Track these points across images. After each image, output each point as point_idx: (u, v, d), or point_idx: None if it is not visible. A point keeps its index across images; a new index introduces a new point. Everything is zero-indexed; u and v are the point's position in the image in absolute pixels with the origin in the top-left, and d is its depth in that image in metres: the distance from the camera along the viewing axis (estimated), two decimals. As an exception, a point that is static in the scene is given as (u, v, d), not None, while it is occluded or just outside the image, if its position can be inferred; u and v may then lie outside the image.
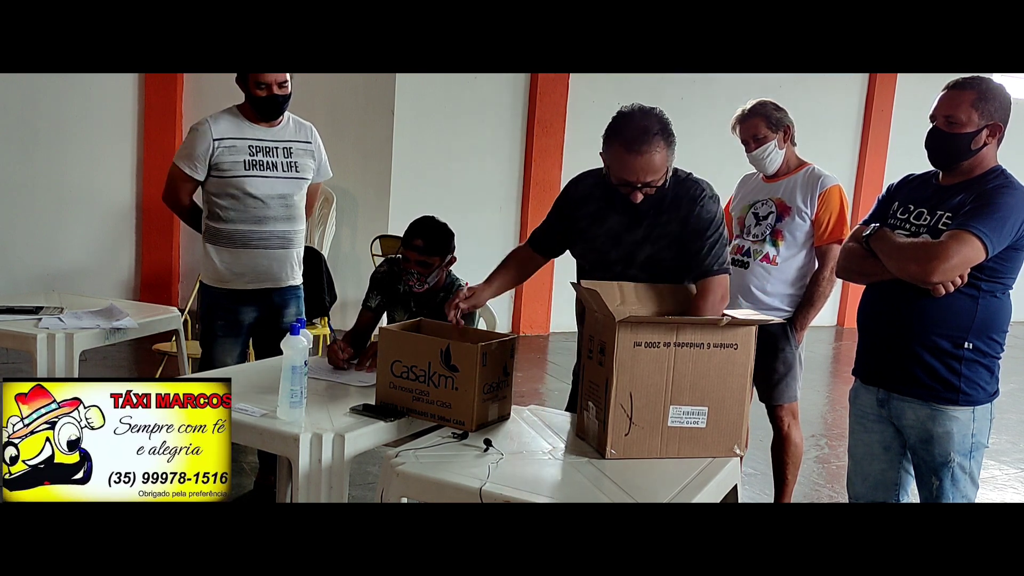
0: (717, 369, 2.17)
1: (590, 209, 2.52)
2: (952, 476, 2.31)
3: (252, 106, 3.12)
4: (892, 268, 2.29)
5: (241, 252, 3.15)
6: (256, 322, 3.26)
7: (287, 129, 3.20)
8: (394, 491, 2.01)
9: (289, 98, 3.13)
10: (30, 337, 3.05)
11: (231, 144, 3.09)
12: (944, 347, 2.28)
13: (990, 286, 2.27)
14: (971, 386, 2.29)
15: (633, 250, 2.46)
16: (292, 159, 3.18)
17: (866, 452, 2.51)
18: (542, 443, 2.27)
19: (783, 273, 3.16)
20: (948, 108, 2.28)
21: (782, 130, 3.18)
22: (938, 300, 2.25)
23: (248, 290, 3.20)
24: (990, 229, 2.17)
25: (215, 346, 3.23)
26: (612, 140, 2.38)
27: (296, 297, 3.33)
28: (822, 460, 4.57)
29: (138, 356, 5.49)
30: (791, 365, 3.18)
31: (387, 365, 2.40)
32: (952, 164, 2.33)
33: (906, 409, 2.37)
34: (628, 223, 2.46)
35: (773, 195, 3.21)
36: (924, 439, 2.34)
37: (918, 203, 2.38)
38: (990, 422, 2.35)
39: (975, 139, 2.27)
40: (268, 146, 3.14)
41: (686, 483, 2.04)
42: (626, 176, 2.35)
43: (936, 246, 2.21)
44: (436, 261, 2.92)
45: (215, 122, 3.12)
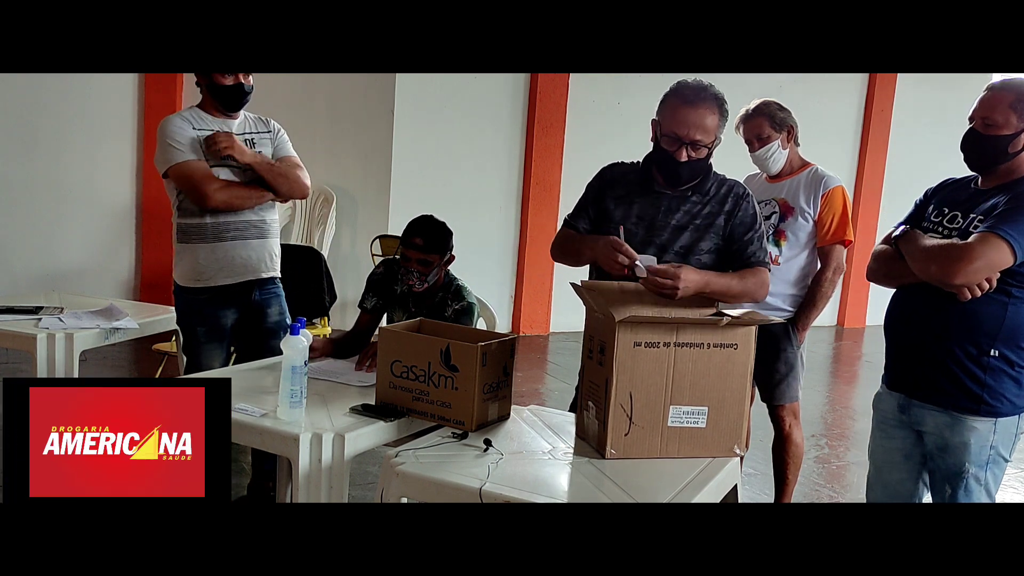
0: (717, 369, 2.17)
1: (620, 192, 2.50)
2: (966, 487, 2.25)
3: (216, 97, 3.03)
4: (916, 269, 2.23)
5: (217, 246, 3.06)
6: (237, 323, 3.17)
7: (247, 123, 3.14)
8: (394, 491, 2.01)
9: (252, 90, 3.07)
10: (30, 337, 3.05)
11: (205, 134, 3.02)
12: (969, 353, 2.21)
13: (1021, 292, 2.18)
14: (995, 397, 2.22)
15: (670, 235, 2.43)
16: (256, 149, 3.09)
17: (886, 459, 2.46)
18: (542, 443, 2.27)
19: (785, 273, 3.16)
20: (986, 109, 2.22)
21: (786, 130, 3.18)
22: (965, 305, 2.18)
23: (227, 286, 3.10)
24: (1020, 233, 2.10)
25: (201, 353, 3.14)
26: (668, 98, 2.41)
27: (276, 295, 3.23)
28: (822, 460, 4.57)
29: (138, 356, 5.49)
30: (792, 365, 3.18)
31: (387, 365, 2.40)
32: (988, 166, 2.26)
33: (926, 416, 2.31)
34: (664, 207, 2.44)
35: (776, 195, 3.21)
36: (941, 447, 2.29)
37: (953, 206, 2.31)
38: (1015, 436, 2.27)
39: (1013, 142, 2.20)
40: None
41: (686, 483, 2.04)
42: (677, 129, 2.34)
43: (961, 248, 2.14)
44: (435, 259, 2.92)
45: (182, 117, 3.03)
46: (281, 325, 3.18)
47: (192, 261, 3.09)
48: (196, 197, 3.00)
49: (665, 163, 2.40)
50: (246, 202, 3.06)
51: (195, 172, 2.99)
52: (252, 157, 3.02)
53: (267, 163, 3.07)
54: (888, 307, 2.44)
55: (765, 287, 2.44)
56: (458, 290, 3.01)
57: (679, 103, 2.36)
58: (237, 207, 3.04)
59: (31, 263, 6.50)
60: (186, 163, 2.98)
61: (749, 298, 2.39)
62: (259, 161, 3.04)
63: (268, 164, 3.07)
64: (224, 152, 2.96)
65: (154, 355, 4.52)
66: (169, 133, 3.00)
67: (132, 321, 3.32)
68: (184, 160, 2.98)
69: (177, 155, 2.99)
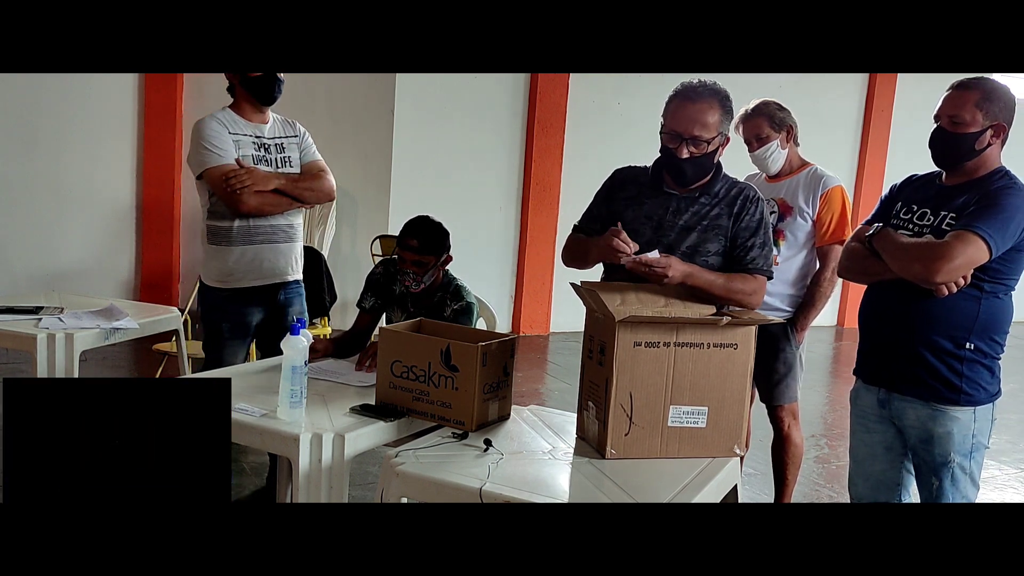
0: (717, 369, 2.17)
1: (631, 192, 2.50)
2: (952, 476, 2.31)
3: (249, 90, 3.08)
4: (895, 268, 2.29)
5: (247, 248, 3.11)
6: (262, 322, 3.25)
7: (276, 126, 3.20)
8: (394, 491, 2.01)
9: (283, 83, 3.12)
10: (30, 337, 3.05)
11: (241, 139, 3.08)
12: (946, 347, 2.28)
13: (993, 287, 2.27)
14: (972, 386, 2.29)
15: (677, 235, 2.42)
16: (285, 154, 3.18)
17: (867, 453, 2.51)
18: (542, 443, 2.27)
19: (784, 273, 3.16)
20: (952, 108, 2.28)
21: (785, 130, 3.18)
22: (941, 300, 2.25)
23: (254, 288, 3.16)
24: (994, 230, 2.17)
25: (224, 349, 3.19)
26: (672, 98, 2.42)
27: (299, 294, 3.32)
28: (822, 460, 4.57)
29: (138, 356, 5.49)
30: (791, 365, 3.18)
31: (387, 365, 2.40)
32: (956, 164, 2.32)
33: (907, 409, 2.36)
34: (673, 207, 2.43)
35: (775, 195, 3.21)
36: (925, 439, 2.34)
37: (921, 203, 2.38)
38: (991, 423, 2.35)
39: (979, 139, 2.27)
40: (266, 143, 3.14)
41: (686, 483, 2.04)
42: (676, 126, 2.35)
43: (940, 246, 2.20)
44: (431, 261, 2.92)
45: (219, 121, 3.08)
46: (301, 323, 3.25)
47: (221, 263, 3.13)
48: (230, 201, 3.04)
49: (668, 161, 2.40)
50: (277, 208, 3.12)
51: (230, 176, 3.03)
52: (275, 183, 3.09)
53: (290, 182, 3.14)
54: (862, 303, 2.48)
55: (757, 295, 2.40)
56: (457, 290, 3.01)
57: (679, 100, 2.38)
58: (268, 213, 3.11)
59: (31, 263, 6.51)
60: (221, 167, 3.02)
61: (736, 302, 2.35)
62: (282, 184, 3.11)
63: (291, 182, 3.14)
64: (244, 192, 3.00)
65: (154, 355, 4.52)
66: (204, 135, 3.03)
67: (132, 321, 3.32)
68: (219, 164, 3.02)
69: (212, 158, 3.02)
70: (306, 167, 3.22)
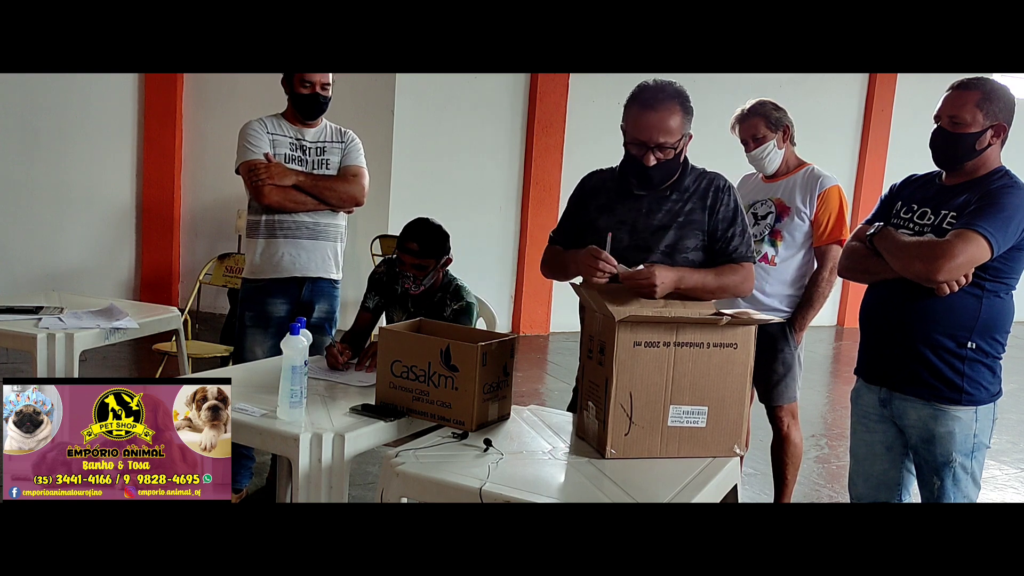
0: (717, 369, 2.17)
1: (601, 200, 2.50)
2: (954, 476, 2.31)
3: (294, 104, 3.26)
4: (897, 267, 2.29)
5: (271, 242, 3.26)
6: (287, 316, 3.31)
7: (324, 131, 3.35)
8: (394, 491, 2.01)
9: (329, 101, 3.28)
10: (30, 337, 3.05)
11: (278, 139, 3.26)
12: (947, 346, 2.28)
13: (994, 286, 2.27)
14: (974, 386, 2.29)
15: (653, 236, 2.42)
16: (324, 156, 3.32)
17: (868, 452, 2.51)
18: (542, 443, 2.27)
19: (782, 273, 3.16)
20: (952, 108, 2.28)
21: (781, 130, 3.18)
22: (942, 299, 2.25)
23: (275, 280, 3.28)
24: (995, 229, 2.17)
25: (245, 336, 3.33)
26: (630, 104, 2.39)
27: (327, 293, 3.39)
28: (822, 460, 4.57)
29: (138, 356, 5.49)
30: (790, 366, 3.18)
31: (387, 365, 2.40)
32: (956, 164, 2.32)
33: (908, 409, 2.36)
34: (645, 209, 2.43)
35: (772, 195, 3.21)
36: (926, 439, 2.34)
37: (922, 203, 2.38)
38: (992, 422, 2.35)
39: (979, 139, 2.27)
40: (306, 145, 3.29)
41: (686, 483, 2.04)
42: (639, 135, 2.34)
43: (942, 245, 2.20)
44: (431, 263, 2.92)
45: (261, 122, 3.26)
46: (323, 322, 3.37)
47: (252, 255, 3.33)
48: (254, 193, 3.23)
49: (635, 169, 2.39)
50: (301, 206, 3.25)
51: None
52: (293, 179, 3.21)
53: (311, 180, 3.26)
54: (862, 303, 2.48)
55: (748, 281, 2.43)
56: (457, 290, 3.00)
57: (639, 109, 2.34)
58: (290, 209, 3.24)
59: (31, 263, 6.51)
60: (249, 161, 3.20)
61: (731, 293, 2.38)
62: (302, 180, 3.23)
63: (312, 180, 3.26)
64: (264, 185, 3.17)
65: (154, 355, 4.52)
66: (245, 134, 3.23)
67: (132, 321, 3.33)
68: (250, 159, 3.20)
69: (248, 154, 3.21)
70: (342, 170, 3.35)
